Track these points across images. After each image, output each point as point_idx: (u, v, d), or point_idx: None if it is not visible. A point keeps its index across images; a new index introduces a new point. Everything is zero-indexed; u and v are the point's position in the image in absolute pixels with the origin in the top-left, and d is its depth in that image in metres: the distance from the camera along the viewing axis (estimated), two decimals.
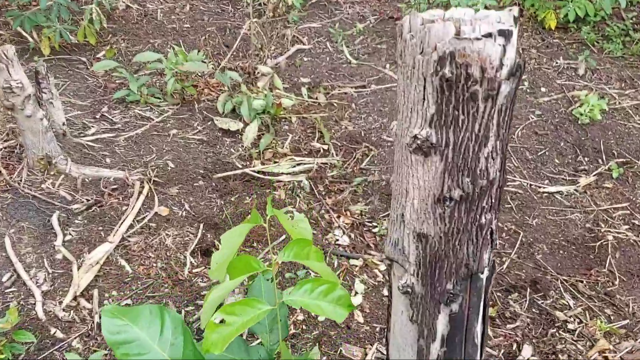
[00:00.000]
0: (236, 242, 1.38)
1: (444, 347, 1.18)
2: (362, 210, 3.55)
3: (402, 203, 1.05)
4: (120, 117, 4.27)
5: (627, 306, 2.76)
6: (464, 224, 1.02)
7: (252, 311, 1.25)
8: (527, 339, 2.58)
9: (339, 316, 1.29)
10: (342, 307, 1.30)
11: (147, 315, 1.27)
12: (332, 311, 1.30)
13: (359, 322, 2.70)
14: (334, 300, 1.30)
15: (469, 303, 1.15)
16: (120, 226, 3.10)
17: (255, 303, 1.26)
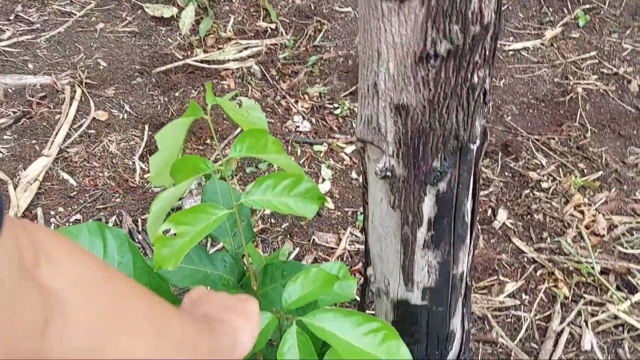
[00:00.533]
0: (176, 140, 1.11)
1: (431, 230, 1.02)
2: (321, 92, 3.30)
3: (373, 70, 0.82)
4: (38, 16, 3.74)
5: (600, 158, 2.70)
6: (453, 87, 0.81)
7: (206, 218, 1.04)
8: (501, 203, 2.51)
9: (309, 211, 1.10)
10: (312, 201, 1.10)
11: (85, 235, 1.05)
12: (301, 207, 1.09)
13: (330, 208, 2.58)
14: (301, 194, 1.09)
15: (458, 180, 0.97)
16: (55, 137, 2.79)
17: (208, 209, 1.04)
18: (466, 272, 1.17)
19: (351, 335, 0.97)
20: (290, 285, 1.08)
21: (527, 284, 2.16)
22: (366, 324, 0.99)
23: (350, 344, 0.97)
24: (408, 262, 1.07)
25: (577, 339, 1.96)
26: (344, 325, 0.98)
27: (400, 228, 1.03)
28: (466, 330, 1.30)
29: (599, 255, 2.23)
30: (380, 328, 0.99)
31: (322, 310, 1.02)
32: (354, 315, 1.00)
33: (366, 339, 0.97)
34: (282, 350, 0.96)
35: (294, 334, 0.98)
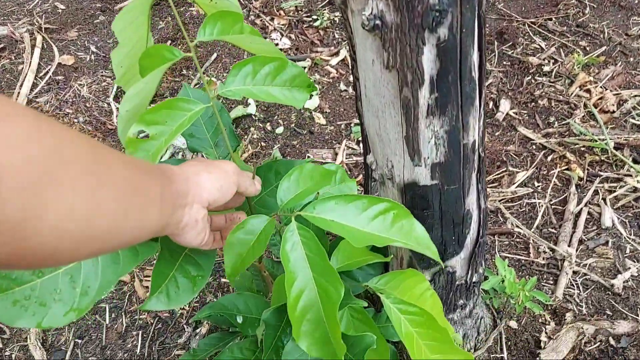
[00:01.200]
0: (138, 28, 0.93)
1: (434, 92, 0.88)
2: (297, 5, 3.07)
3: None
4: None
5: (602, 32, 2.52)
6: None
7: (181, 115, 0.88)
8: (502, 93, 2.36)
9: (298, 101, 0.94)
10: (300, 89, 0.94)
11: None
12: (288, 96, 0.93)
13: (321, 124, 2.43)
14: (286, 81, 0.93)
15: (461, 23, 0.82)
16: (21, 88, 2.60)
17: (181, 104, 0.89)
18: (478, 141, 1.03)
19: (358, 221, 0.86)
20: (285, 183, 0.96)
21: (538, 171, 2.05)
22: (373, 207, 0.87)
23: (358, 230, 0.85)
24: (412, 132, 0.93)
25: (597, 217, 1.86)
26: (348, 212, 0.86)
27: (399, 92, 0.89)
28: (483, 209, 1.18)
29: (610, 132, 2.10)
30: (389, 208, 0.87)
31: (322, 200, 0.89)
32: (357, 200, 0.87)
33: (375, 222, 0.86)
34: (285, 248, 0.84)
35: (295, 230, 0.85)
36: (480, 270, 1.32)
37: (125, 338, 1.77)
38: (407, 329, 0.94)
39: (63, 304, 0.76)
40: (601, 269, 1.72)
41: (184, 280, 0.88)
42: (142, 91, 0.87)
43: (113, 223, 0.53)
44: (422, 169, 1.00)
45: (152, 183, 0.61)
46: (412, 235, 0.86)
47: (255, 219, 0.89)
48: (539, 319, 1.61)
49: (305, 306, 0.81)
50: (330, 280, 0.80)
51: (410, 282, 1.04)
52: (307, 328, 0.81)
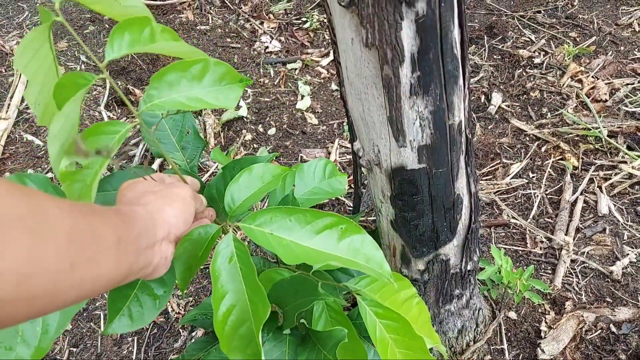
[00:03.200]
0: (42, 62, 0.82)
1: (416, 70, 0.86)
2: (286, 8, 3.07)
3: None
4: None
5: (592, 23, 2.51)
6: None
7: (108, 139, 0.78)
8: (494, 87, 2.35)
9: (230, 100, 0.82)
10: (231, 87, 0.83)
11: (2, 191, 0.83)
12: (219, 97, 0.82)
13: (313, 124, 2.41)
14: (215, 82, 0.83)
15: None
16: (11, 99, 2.59)
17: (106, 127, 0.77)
18: (464, 122, 1.01)
19: (300, 235, 0.78)
20: (232, 186, 0.88)
21: (532, 162, 2.03)
22: (317, 220, 0.78)
23: (299, 245, 0.77)
24: (395, 113, 0.92)
25: (593, 205, 1.84)
26: (289, 226, 0.78)
27: (380, 70, 0.87)
28: (474, 194, 1.16)
29: (604, 120, 2.08)
30: (335, 223, 0.78)
31: (262, 211, 0.80)
32: (299, 213, 0.79)
33: (320, 237, 0.78)
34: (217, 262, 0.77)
35: (231, 243, 0.78)
36: (475, 258, 1.30)
37: (121, 345, 1.74)
38: (381, 334, 0.89)
39: (26, 346, 0.74)
40: (599, 257, 1.70)
41: (146, 299, 0.83)
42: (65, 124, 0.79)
43: (56, 281, 0.47)
44: (408, 151, 0.99)
45: (105, 230, 0.54)
46: (362, 252, 0.77)
47: (202, 229, 0.82)
48: (538, 308, 1.58)
49: (237, 321, 0.74)
50: (260, 298, 0.73)
51: (394, 286, 0.97)
52: (238, 344, 0.74)
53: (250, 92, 2.56)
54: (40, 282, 0.45)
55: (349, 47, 0.89)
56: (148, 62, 2.72)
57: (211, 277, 0.75)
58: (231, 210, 0.86)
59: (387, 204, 1.14)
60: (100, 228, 0.53)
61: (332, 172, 1.34)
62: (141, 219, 0.63)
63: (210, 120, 2.35)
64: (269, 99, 2.53)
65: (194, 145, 1.20)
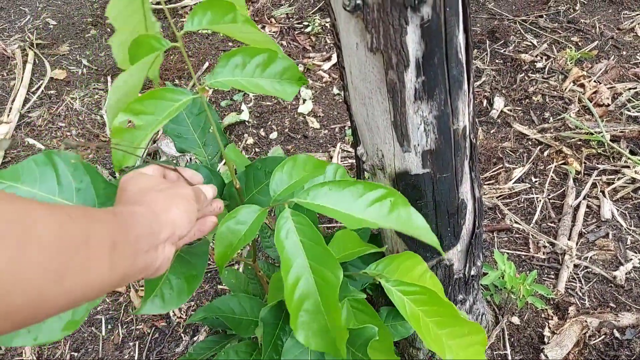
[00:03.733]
0: (132, 13, 0.89)
1: (421, 75, 0.86)
2: (288, 12, 3.08)
3: None
4: None
5: (594, 27, 2.51)
6: None
7: (167, 105, 0.84)
8: (496, 91, 2.35)
9: (288, 94, 0.90)
10: (290, 82, 0.90)
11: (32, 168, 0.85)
12: (278, 89, 0.90)
13: (315, 128, 2.41)
14: (277, 74, 0.89)
15: (444, 1, 0.80)
16: (12, 103, 2.59)
17: (168, 94, 0.84)
18: (469, 127, 1.01)
19: (353, 208, 0.81)
20: (277, 174, 0.92)
21: (534, 166, 2.03)
22: (369, 193, 0.82)
23: (353, 216, 0.80)
24: (400, 117, 0.91)
25: (596, 210, 1.84)
26: (343, 198, 0.82)
27: (385, 75, 0.87)
28: (478, 199, 1.16)
29: (606, 124, 2.08)
30: (385, 195, 0.81)
31: (315, 186, 0.85)
32: (353, 186, 0.82)
33: (372, 209, 0.81)
34: (280, 236, 0.80)
35: (289, 217, 0.82)
36: (479, 263, 1.29)
37: (122, 349, 1.73)
38: (412, 310, 0.92)
39: (58, 318, 0.73)
40: (602, 262, 1.69)
41: (178, 282, 0.85)
42: (128, 80, 0.84)
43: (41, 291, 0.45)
44: (412, 156, 0.98)
45: (97, 234, 0.52)
46: (411, 225, 0.81)
47: (246, 209, 0.86)
48: (541, 314, 1.57)
49: (302, 295, 0.78)
50: (328, 266, 0.77)
51: (408, 264, 1.01)
52: (304, 319, 0.78)
53: (252, 97, 2.56)
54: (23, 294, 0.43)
55: (353, 52, 0.88)
56: None
57: (278, 251, 0.79)
58: (275, 194, 0.88)
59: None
60: (92, 233, 0.51)
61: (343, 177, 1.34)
62: (142, 220, 0.61)
63: None
64: (271, 102, 2.53)
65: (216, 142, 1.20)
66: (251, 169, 1.11)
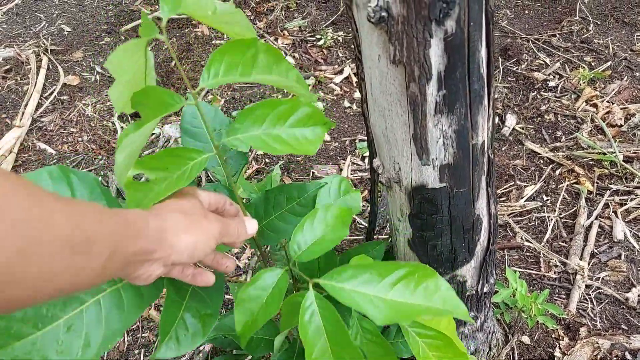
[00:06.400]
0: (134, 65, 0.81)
1: (442, 89, 0.86)
2: (301, 25, 3.09)
3: None
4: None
5: (607, 48, 2.51)
6: None
7: (182, 163, 0.79)
8: (508, 108, 2.34)
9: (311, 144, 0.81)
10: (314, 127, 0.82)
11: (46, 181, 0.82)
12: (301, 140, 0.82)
13: (326, 140, 2.41)
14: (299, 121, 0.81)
15: (469, 15, 0.80)
16: (25, 107, 2.60)
17: (185, 153, 0.79)
18: (487, 142, 1.01)
19: (379, 289, 0.78)
20: (298, 235, 0.92)
21: (546, 185, 2.01)
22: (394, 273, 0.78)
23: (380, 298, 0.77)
24: (420, 130, 0.91)
25: (608, 230, 1.82)
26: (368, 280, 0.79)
27: (406, 88, 0.87)
28: (493, 215, 1.15)
29: (619, 145, 2.07)
30: (411, 272, 0.78)
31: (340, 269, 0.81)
32: (375, 268, 0.80)
33: (398, 287, 0.78)
34: (304, 319, 0.78)
35: (313, 301, 0.79)
36: (492, 280, 1.28)
37: (128, 356, 1.72)
38: (425, 354, 0.91)
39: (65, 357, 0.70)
40: (615, 283, 1.67)
41: (193, 321, 0.82)
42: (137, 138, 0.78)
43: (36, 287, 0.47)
44: (430, 170, 0.98)
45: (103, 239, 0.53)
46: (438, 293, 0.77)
47: (267, 273, 0.83)
48: (552, 334, 1.55)
49: None
50: (350, 353, 0.74)
51: None
52: None
53: None
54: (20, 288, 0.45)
55: (375, 64, 0.88)
56: (163, 75, 2.74)
57: (301, 335, 0.76)
58: (297, 254, 0.88)
59: (405, 222, 1.13)
60: (98, 240, 0.52)
61: (347, 189, 1.32)
62: (148, 235, 0.62)
63: None
64: None
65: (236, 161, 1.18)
66: (272, 194, 1.09)
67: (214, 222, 0.73)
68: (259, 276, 0.83)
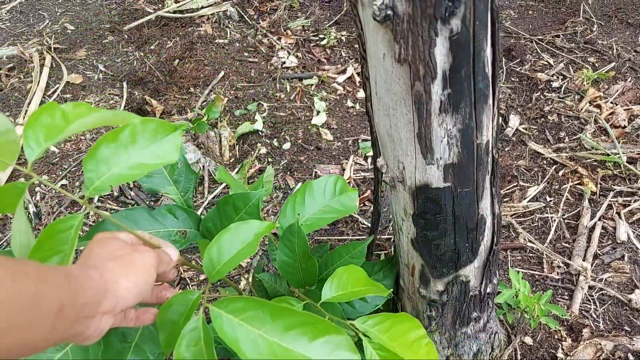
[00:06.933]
0: None
1: (447, 88, 0.86)
2: (304, 25, 3.09)
3: None
4: None
5: (611, 49, 2.51)
6: None
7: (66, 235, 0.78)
8: (511, 109, 2.34)
9: (170, 153, 0.79)
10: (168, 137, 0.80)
11: None
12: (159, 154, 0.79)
13: (328, 140, 2.41)
14: (149, 139, 0.79)
15: (474, 14, 0.80)
16: (29, 105, 2.60)
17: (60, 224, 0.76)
18: (492, 142, 1.00)
19: (270, 329, 0.71)
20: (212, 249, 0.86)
21: (549, 185, 2.01)
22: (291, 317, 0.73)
23: (267, 339, 0.71)
24: (425, 129, 0.91)
25: (611, 231, 1.81)
26: (261, 317, 0.73)
27: (411, 87, 0.87)
28: (497, 215, 1.14)
29: (623, 146, 2.07)
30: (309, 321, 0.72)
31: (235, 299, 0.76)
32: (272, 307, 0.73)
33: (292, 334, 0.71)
34: (180, 347, 0.75)
35: (200, 326, 0.75)
36: (495, 280, 1.28)
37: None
38: None
39: None
40: (618, 284, 1.67)
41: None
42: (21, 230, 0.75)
43: None
44: (434, 169, 0.98)
45: (49, 296, 0.53)
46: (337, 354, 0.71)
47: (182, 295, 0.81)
48: (554, 335, 1.55)
49: None
50: None
51: (404, 327, 0.94)
52: None
53: (266, 106, 2.57)
54: None
55: (380, 63, 0.88)
56: (166, 74, 2.74)
57: None
58: (211, 275, 0.84)
59: (409, 222, 1.13)
60: (44, 295, 0.52)
61: (343, 188, 1.30)
62: (92, 287, 0.62)
63: (226, 133, 2.35)
64: (285, 113, 2.53)
65: (186, 177, 1.18)
66: (220, 206, 1.08)
67: (145, 253, 0.73)
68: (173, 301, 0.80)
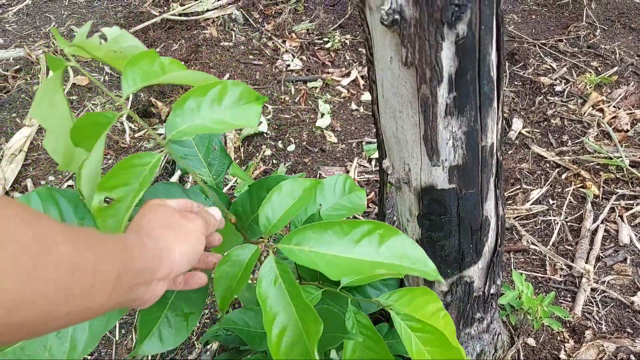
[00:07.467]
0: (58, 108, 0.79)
1: (453, 91, 0.87)
2: (308, 28, 3.11)
3: None
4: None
5: (614, 53, 2.52)
6: None
7: (139, 171, 0.78)
8: (514, 112, 2.36)
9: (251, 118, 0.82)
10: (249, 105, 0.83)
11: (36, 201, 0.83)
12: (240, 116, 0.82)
13: (333, 142, 2.43)
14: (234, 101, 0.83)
15: (480, 19, 0.82)
16: None
17: (135, 160, 0.78)
18: (496, 144, 1.02)
19: (340, 248, 0.76)
20: (266, 206, 0.88)
21: (552, 188, 2.02)
22: (355, 230, 0.77)
23: (341, 257, 0.75)
24: (431, 132, 0.92)
25: (614, 234, 1.83)
26: (328, 239, 0.77)
27: (417, 90, 0.88)
28: (501, 217, 1.16)
29: (625, 150, 2.08)
30: (372, 229, 0.76)
31: (298, 230, 0.80)
32: (336, 225, 0.78)
33: (360, 246, 0.76)
34: (262, 286, 0.77)
35: (273, 266, 0.78)
36: (498, 281, 1.29)
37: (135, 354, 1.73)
38: (417, 347, 0.89)
39: None
40: (620, 286, 1.68)
41: (177, 320, 0.83)
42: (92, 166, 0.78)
43: (48, 310, 0.47)
44: (439, 171, 0.99)
45: (107, 264, 0.54)
46: (405, 254, 0.75)
47: (240, 250, 0.83)
48: (557, 336, 1.56)
49: (291, 342, 0.74)
50: (311, 316, 0.73)
51: (422, 300, 0.97)
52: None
53: (271, 109, 2.59)
54: (33, 309, 0.45)
55: (387, 66, 0.90)
56: None
57: (259, 301, 0.75)
58: (267, 229, 0.85)
59: (414, 223, 1.14)
60: (103, 262, 0.53)
61: (352, 187, 1.33)
62: (148, 255, 0.63)
63: (231, 135, 2.37)
64: (289, 115, 2.55)
65: (220, 161, 1.19)
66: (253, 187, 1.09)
67: (194, 220, 0.74)
68: (232, 253, 0.81)
